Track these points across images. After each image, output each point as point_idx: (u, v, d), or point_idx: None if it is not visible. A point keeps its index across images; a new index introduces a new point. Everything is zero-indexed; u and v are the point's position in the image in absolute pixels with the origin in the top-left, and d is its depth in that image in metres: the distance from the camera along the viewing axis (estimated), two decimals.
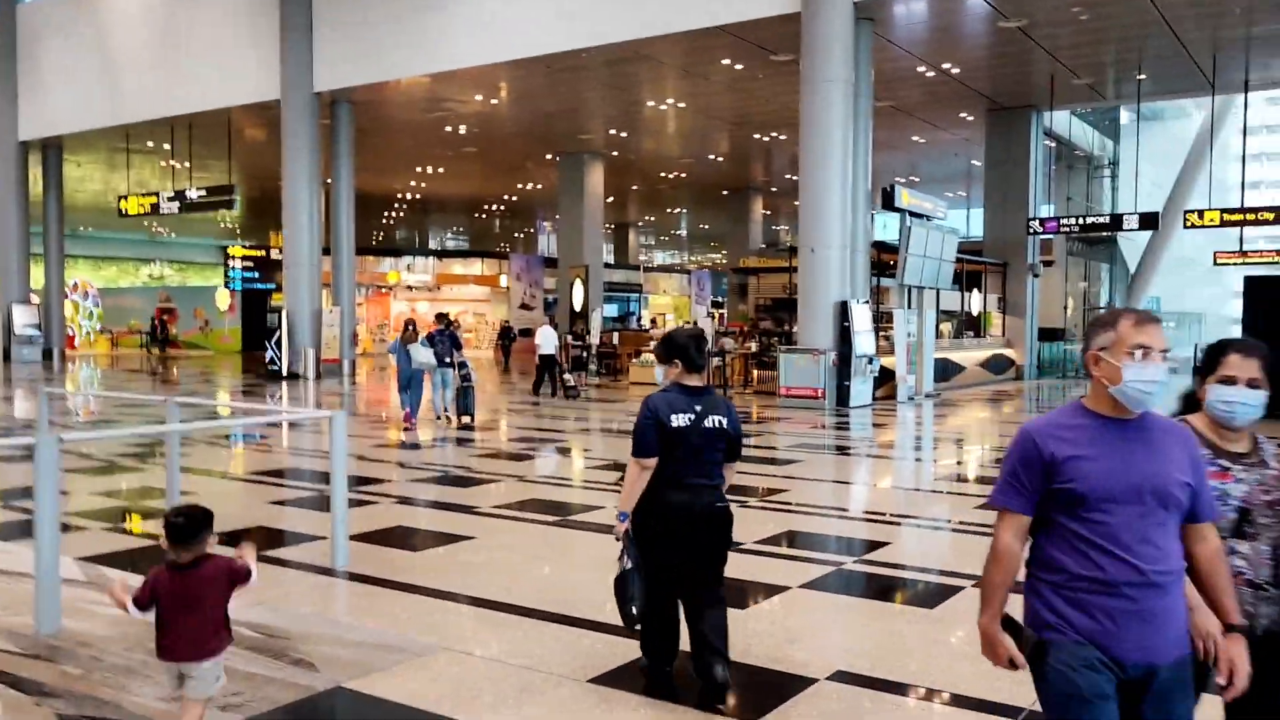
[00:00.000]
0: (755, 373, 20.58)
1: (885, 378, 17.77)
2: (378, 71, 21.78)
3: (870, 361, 16.63)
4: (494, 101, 23.90)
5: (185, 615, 3.15)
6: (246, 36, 23.93)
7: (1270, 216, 20.02)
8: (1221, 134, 27.33)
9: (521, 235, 53.47)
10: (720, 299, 45.17)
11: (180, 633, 3.16)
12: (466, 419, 13.85)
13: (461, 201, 43.54)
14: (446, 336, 14.40)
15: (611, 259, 51.42)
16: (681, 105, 24.04)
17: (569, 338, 23.88)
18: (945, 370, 20.58)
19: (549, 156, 30.69)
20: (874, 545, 6.77)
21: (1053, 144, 26.17)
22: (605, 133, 27.77)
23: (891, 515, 8.04)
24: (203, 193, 26.76)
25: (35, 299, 32.47)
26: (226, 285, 35.99)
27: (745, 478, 9.12)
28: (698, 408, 3.87)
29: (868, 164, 17.41)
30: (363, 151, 30.83)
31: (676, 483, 3.82)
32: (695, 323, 26.09)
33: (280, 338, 22.72)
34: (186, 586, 3.16)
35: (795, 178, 32.60)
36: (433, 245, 50.90)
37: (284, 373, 22.57)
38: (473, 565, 6.08)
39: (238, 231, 48.62)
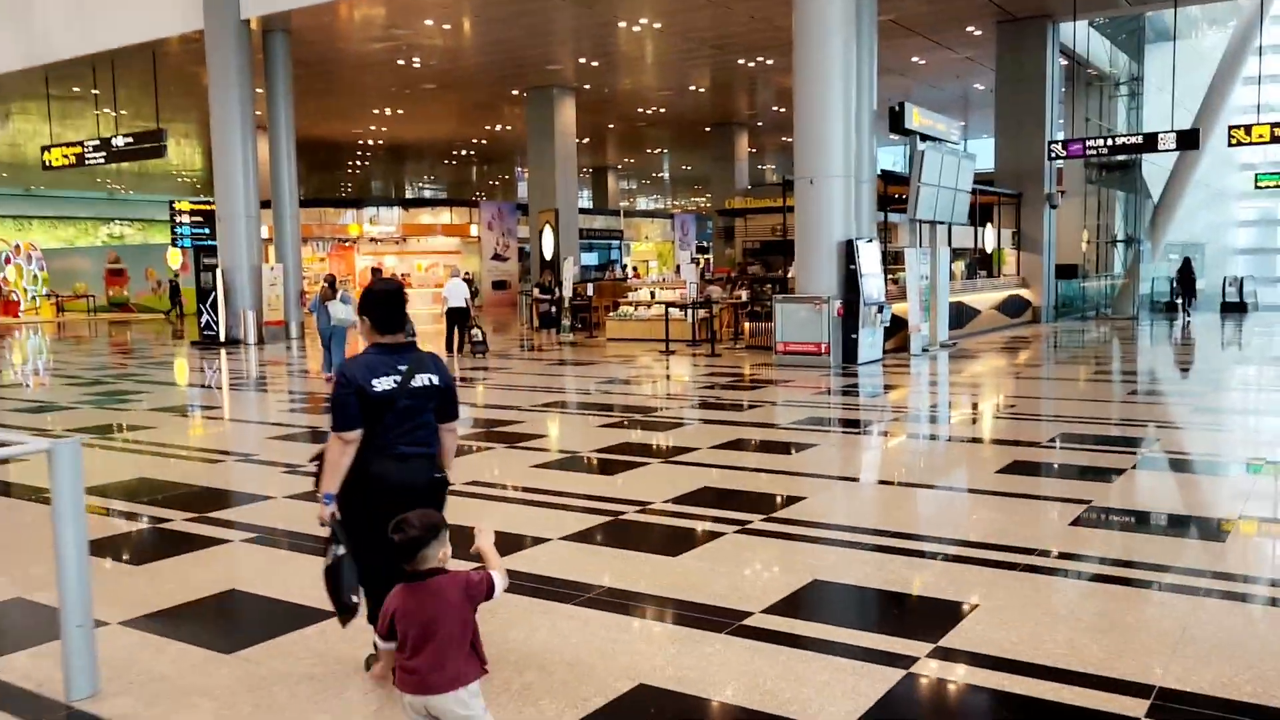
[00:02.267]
0: (746, 325, 18.33)
1: (895, 327, 15.56)
2: None
3: (881, 310, 14.40)
4: (447, 27, 21.28)
5: (423, 639, 2.77)
6: None
7: None
8: (1242, 55, 24.96)
9: (498, 183, 50.81)
10: (705, 244, 42.83)
11: (421, 659, 2.77)
12: None
13: (430, 147, 40.88)
14: None
15: (590, 205, 49.05)
16: (657, 26, 21.47)
17: (535, 290, 21.55)
18: (959, 316, 18.39)
19: (515, 92, 28.10)
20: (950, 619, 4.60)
21: (1066, 61, 23.73)
22: (575, 63, 25.18)
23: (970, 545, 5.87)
24: (129, 140, 24.21)
25: None
26: (174, 243, 33.43)
27: (742, 476, 6.93)
28: (402, 368, 3.50)
29: (873, 79, 15.04)
30: (310, 92, 28.29)
31: (386, 453, 3.46)
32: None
33: (216, 300, 20.33)
34: (422, 605, 2.79)
35: (783, 110, 30.40)
36: (402, 195, 48.13)
37: (222, 338, 20.22)
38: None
39: (198, 186, 45.81)
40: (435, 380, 3.52)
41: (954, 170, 16.38)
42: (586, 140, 35.27)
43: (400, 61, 24.32)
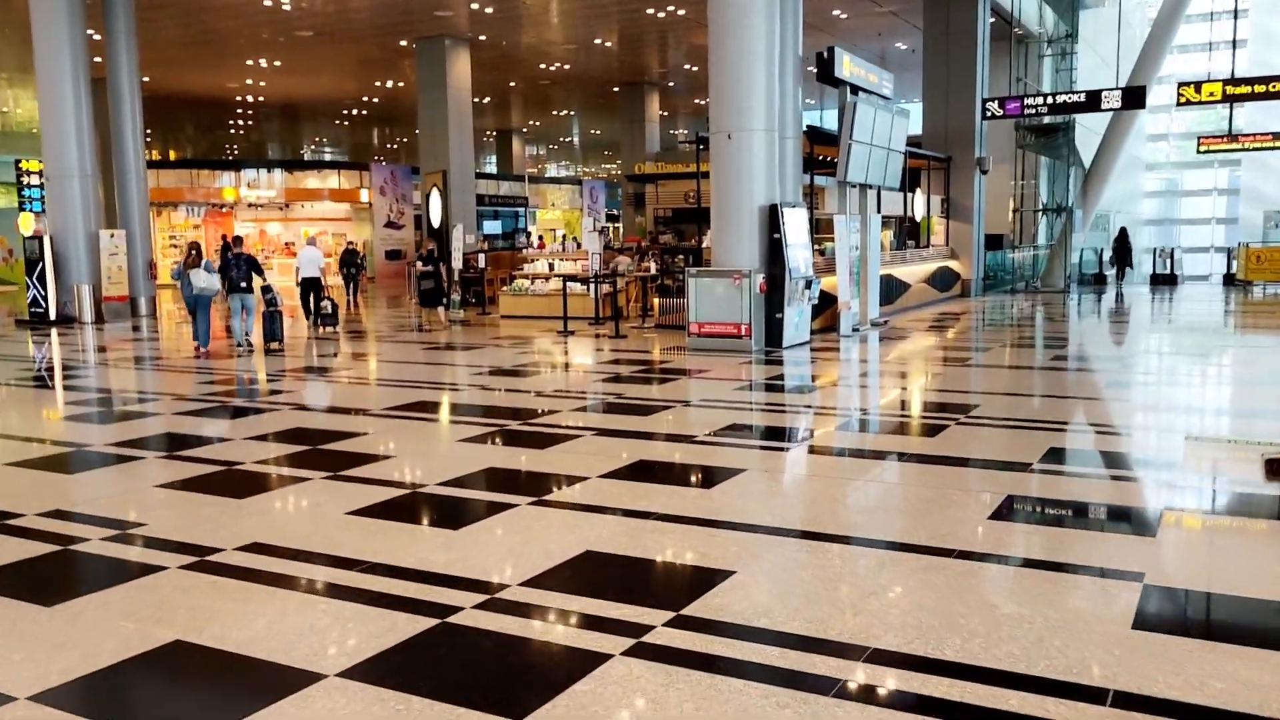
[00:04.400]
0: (656, 301, 16.37)
1: (823, 304, 13.77)
2: None
3: (809, 285, 12.56)
4: None
5: None
6: None
7: None
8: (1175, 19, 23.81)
9: (397, 146, 47.74)
10: (615, 212, 40.77)
11: None
12: (275, 345, 13.29)
13: (319, 106, 37.78)
14: (244, 260, 13.44)
15: (495, 171, 46.42)
16: None
17: (418, 263, 19.20)
18: (889, 290, 16.73)
19: (404, 44, 25.50)
20: None
21: (994, 18, 22.25)
22: (468, 9, 22.72)
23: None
24: None
25: None
26: (22, 206, 29.94)
27: (644, 532, 4.95)
28: None
29: (798, 20, 13.13)
30: (167, 40, 25.31)
31: None
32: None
33: (44, 271, 17.53)
34: None
35: (696, 68, 28.33)
36: (278, 157, 44.69)
37: (52, 316, 17.46)
38: None
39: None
40: None
41: (887, 127, 14.62)
42: (488, 100, 32.80)
43: (268, 2, 21.56)
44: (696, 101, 34.70)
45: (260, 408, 8.81)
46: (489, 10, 22.56)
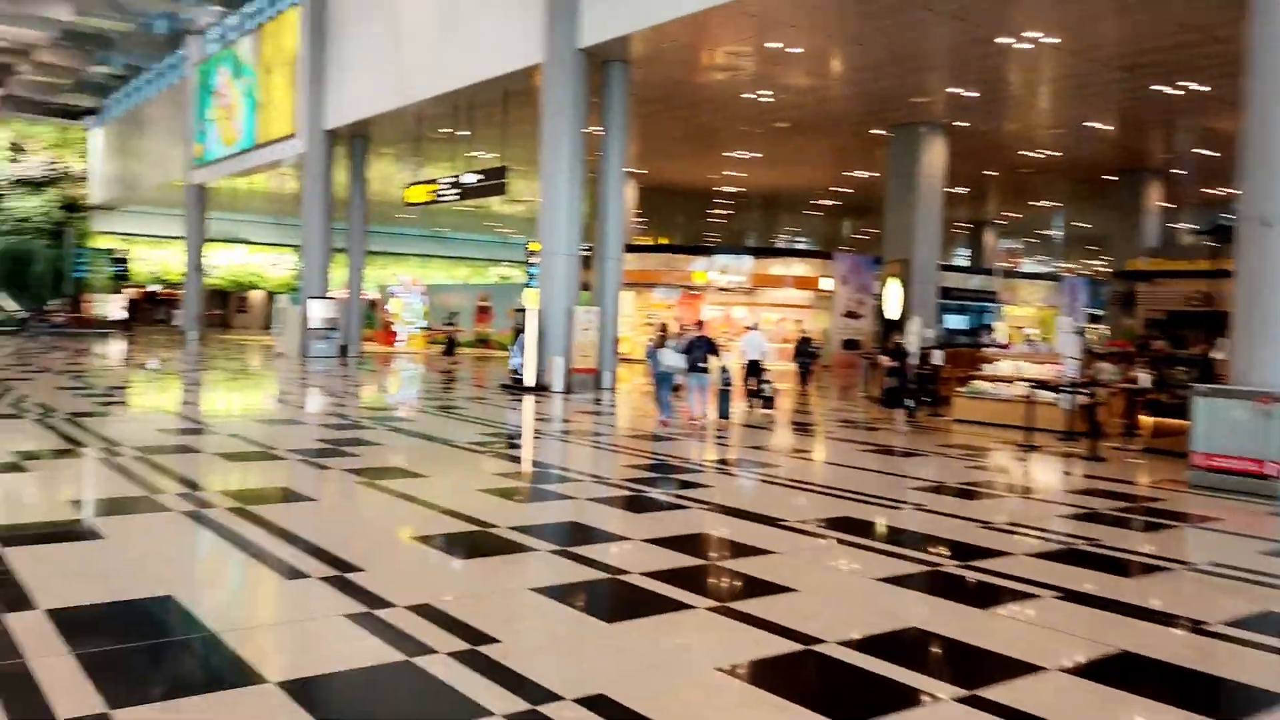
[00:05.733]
0: (1146, 420, 13.68)
1: None
2: (649, 12, 17.40)
3: None
4: (798, 51, 18.74)
5: None
6: None
7: None
8: None
9: (863, 236, 47.57)
10: (1098, 311, 36.65)
11: None
12: (724, 422, 14.26)
13: (789, 195, 38.78)
14: (704, 342, 14.27)
15: (963, 262, 44.22)
16: (1052, 43, 17.44)
17: (882, 357, 18.19)
18: None
19: (879, 132, 24.96)
20: None
21: None
22: (946, 95, 21.61)
23: None
24: (480, 177, 24.25)
25: (344, 294, 32.08)
26: (528, 284, 33.85)
27: None
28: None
29: None
30: (655, 133, 27.18)
31: None
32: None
33: (523, 341, 19.11)
34: None
35: (1211, 153, 24.46)
36: (752, 244, 46.28)
37: (528, 383, 18.91)
38: None
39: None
40: None
41: None
42: (962, 190, 31.21)
43: (746, 95, 22.21)
44: (1206, 191, 30.18)
45: (675, 502, 8.24)
46: (971, 95, 21.24)
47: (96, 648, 4.20)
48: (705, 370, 14.02)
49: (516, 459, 10.77)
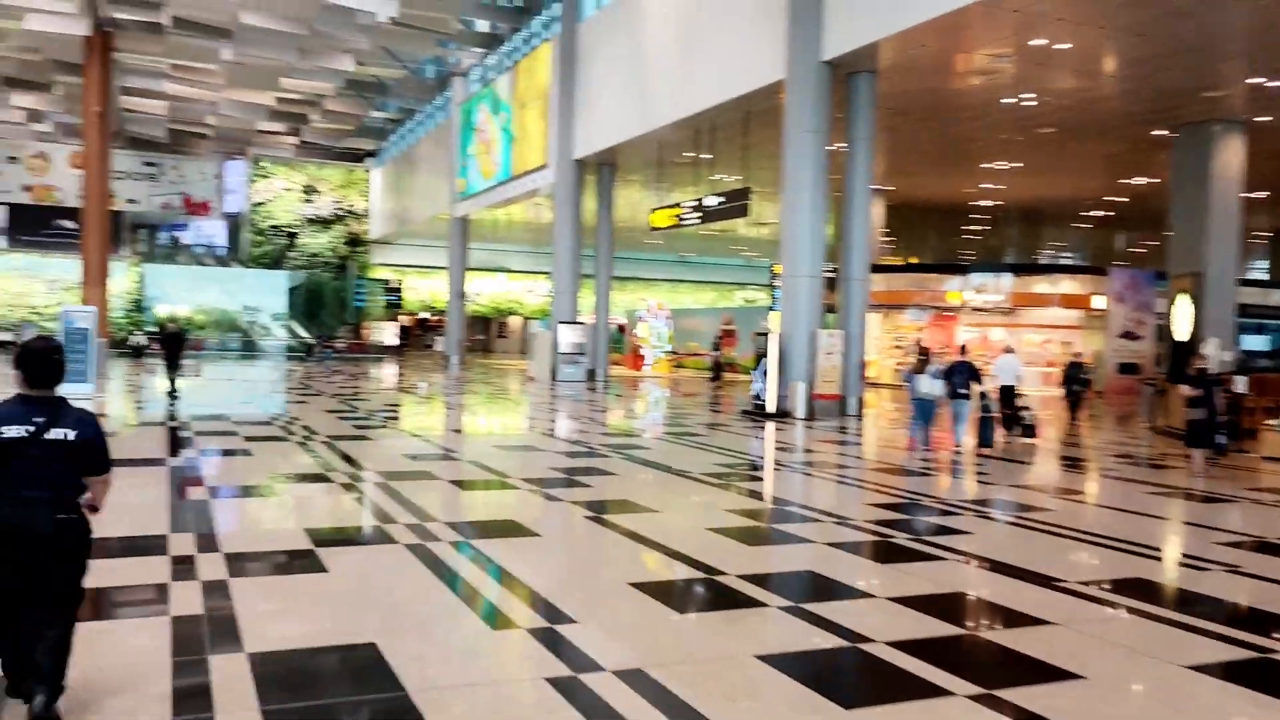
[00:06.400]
0: None
1: None
2: (899, 16, 16.40)
3: None
4: (1067, 46, 17.06)
5: None
6: (752, 8, 20.32)
7: None
8: None
9: (1141, 250, 43.40)
10: None
11: None
12: (985, 450, 13.59)
13: (1053, 207, 35.93)
14: (965, 368, 13.77)
15: (1264, 275, 39.34)
16: None
17: (1183, 386, 15.96)
18: None
19: (1161, 133, 22.44)
20: None
21: None
22: (1243, 85, 19.01)
23: None
24: (721, 200, 23.95)
25: (591, 319, 32.71)
26: (772, 307, 33.21)
27: None
28: (39, 420, 3.69)
29: None
30: (905, 147, 25.88)
31: (6, 497, 3.62)
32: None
33: (765, 366, 18.46)
34: None
35: None
36: (1011, 260, 43.17)
37: (771, 410, 18.23)
38: None
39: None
40: (72, 435, 3.69)
41: None
42: (1262, 195, 27.61)
43: (1008, 100, 20.55)
44: None
45: (929, 551, 7.29)
46: (1275, 85, 18.57)
47: (284, 703, 3.96)
48: (967, 397, 13.61)
49: (752, 494, 10.13)
